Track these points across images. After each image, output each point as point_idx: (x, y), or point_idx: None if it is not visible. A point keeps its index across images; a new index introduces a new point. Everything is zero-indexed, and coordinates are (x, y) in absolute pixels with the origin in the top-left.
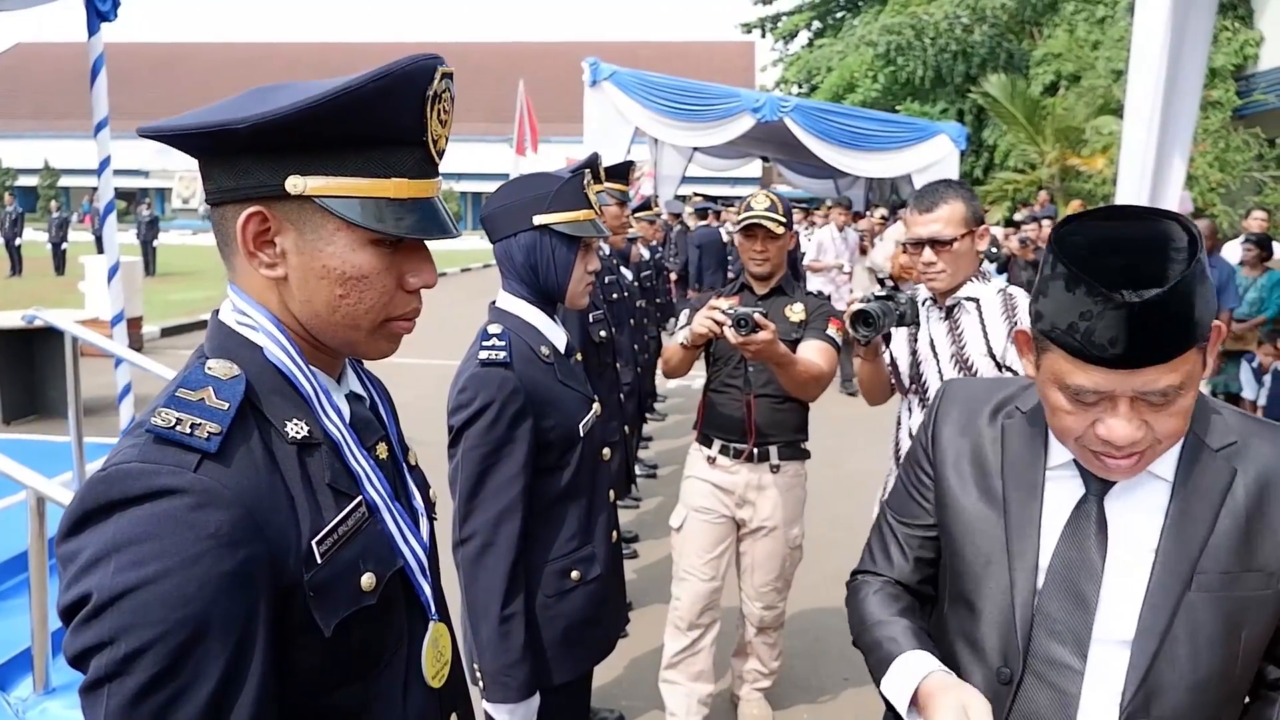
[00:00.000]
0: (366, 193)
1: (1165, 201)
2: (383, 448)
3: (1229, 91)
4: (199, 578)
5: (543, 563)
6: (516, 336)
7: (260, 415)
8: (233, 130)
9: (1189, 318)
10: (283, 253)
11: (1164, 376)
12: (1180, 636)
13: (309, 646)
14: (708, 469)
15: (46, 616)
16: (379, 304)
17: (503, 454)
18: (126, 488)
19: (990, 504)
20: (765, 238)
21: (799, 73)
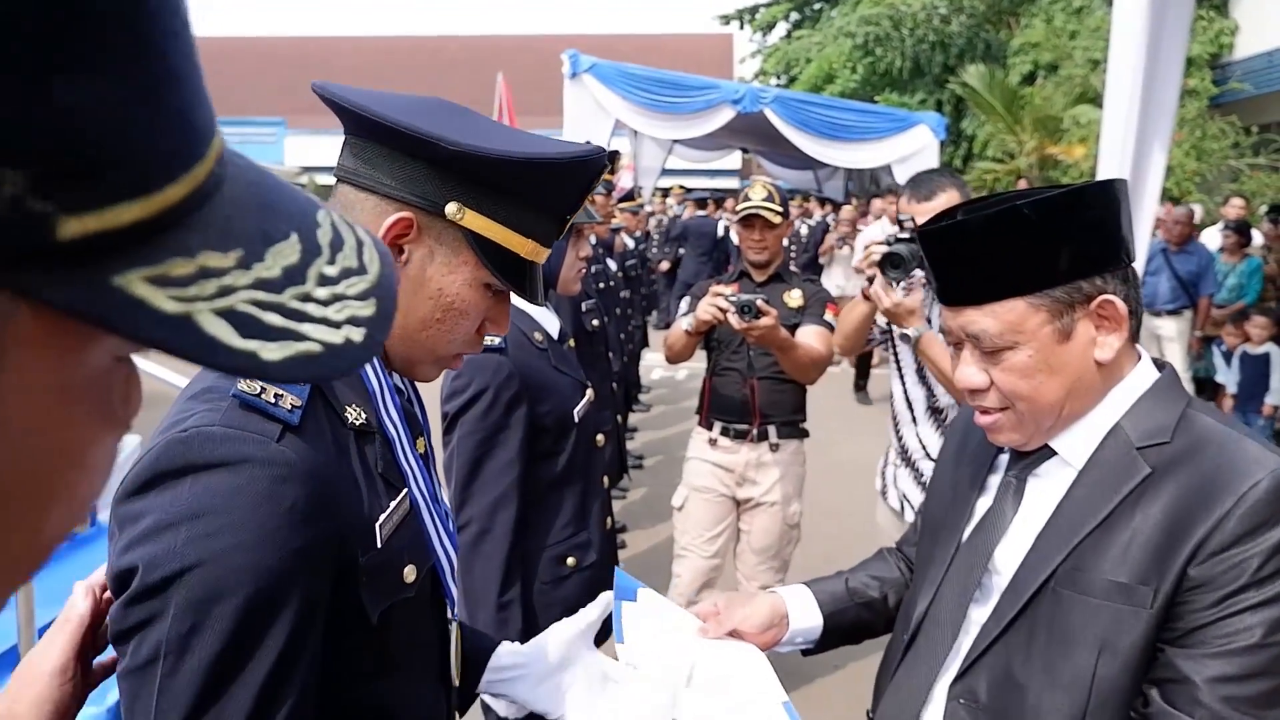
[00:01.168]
0: (507, 243)
1: (1145, 190)
2: (421, 443)
3: (1205, 80)
4: (274, 553)
5: (539, 549)
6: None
7: (324, 398)
8: (435, 146)
9: (988, 260)
10: (406, 260)
11: (980, 319)
12: (1034, 630)
13: (352, 633)
14: (709, 450)
15: (33, 615)
16: (460, 338)
17: (498, 440)
18: (208, 452)
19: (953, 484)
20: (763, 227)
21: (777, 64)
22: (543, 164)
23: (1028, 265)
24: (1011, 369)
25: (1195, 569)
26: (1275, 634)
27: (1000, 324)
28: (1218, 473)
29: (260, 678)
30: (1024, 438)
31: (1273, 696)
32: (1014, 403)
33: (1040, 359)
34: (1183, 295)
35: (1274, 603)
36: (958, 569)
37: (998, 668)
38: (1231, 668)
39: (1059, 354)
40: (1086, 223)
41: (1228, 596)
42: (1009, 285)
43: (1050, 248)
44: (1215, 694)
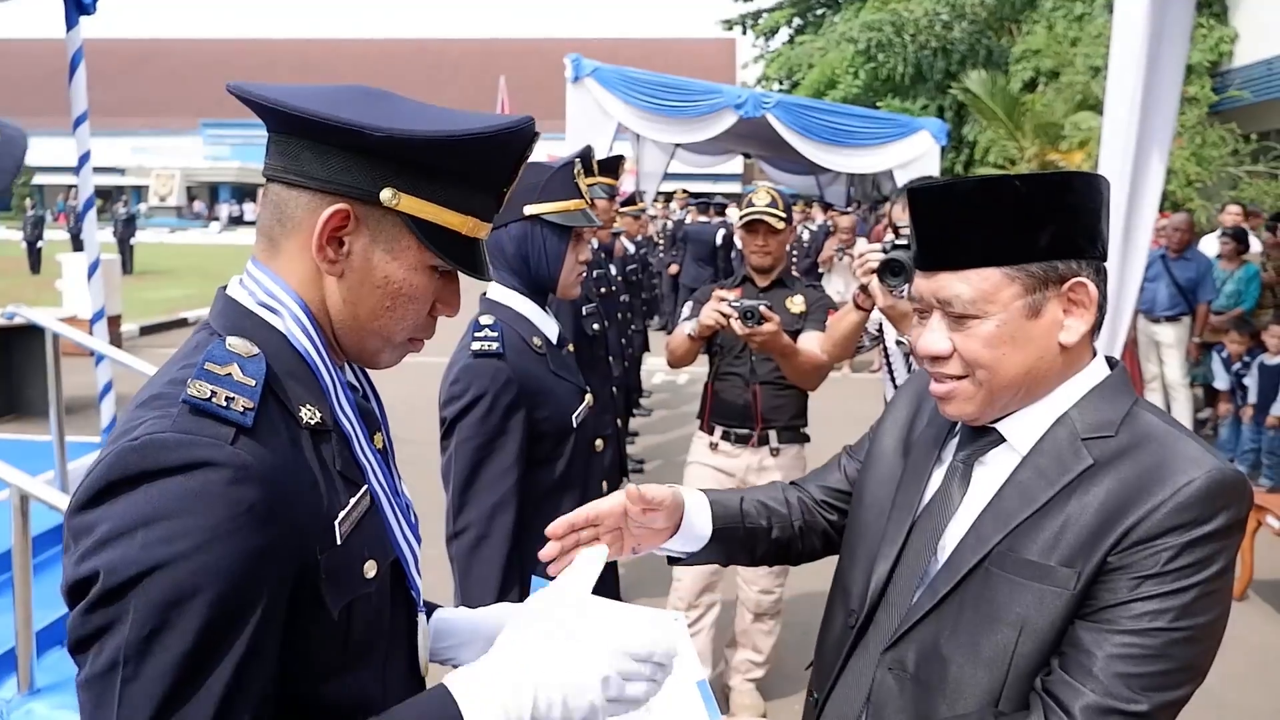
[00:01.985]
0: (446, 223)
1: (1145, 196)
2: (379, 438)
3: (1205, 87)
4: (232, 554)
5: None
6: (508, 327)
7: (277, 399)
8: (363, 134)
9: (973, 225)
10: (349, 253)
11: (953, 284)
12: (962, 606)
13: (315, 629)
14: (710, 454)
15: (30, 617)
16: (413, 323)
17: (496, 445)
18: (161, 458)
19: (900, 458)
20: (766, 232)
21: (780, 69)
22: (471, 140)
23: (1010, 236)
24: (977, 336)
25: (1116, 555)
26: (1178, 621)
27: (974, 290)
28: (1156, 468)
29: (224, 679)
30: (976, 410)
31: (1163, 679)
32: (974, 371)
33: (1007, 331)
34: (1181, 302)
35: (1184, 593)
36: (911, 553)
37: (927, 640)
38: (1130, 648)
39: (1025, 329)
40: (1070, 207)
41: (1142, 582)
42: (989, 253)
43: (1034, 223)
44: (1110, 669)
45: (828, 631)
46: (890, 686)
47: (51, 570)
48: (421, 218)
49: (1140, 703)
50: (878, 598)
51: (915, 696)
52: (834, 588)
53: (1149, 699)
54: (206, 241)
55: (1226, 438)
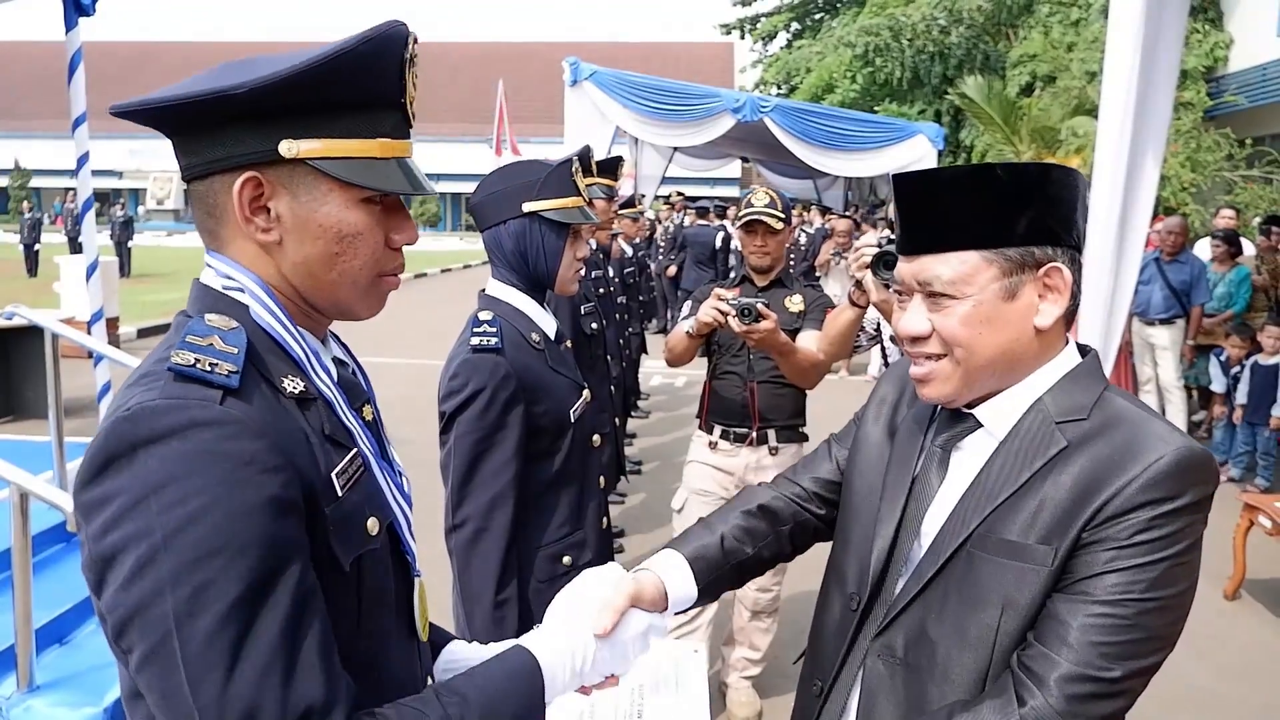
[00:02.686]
0: (355, 153)
1: (1140, 200)
2: (368, 410)
3: (1200, 93)
4: (246, 505)
5: (535, 548)
6: (507, 323)
7: (258, 371)
8: (230, 96)
9: (953, 210)
10: (277, 217)
11: (933, 266)
12: (947, 589)
13: (331, 586)
14: (709, 453)
15: (30, 614)
16: (371, 259)
17: (495, 440)
18: (155, 425)
19: (887, 441)
20: (765, 233)
21: (778, 74)
22: (335, 60)
23: (989, 222)
24: (954, 315)
25: (1090, 531)
26: (1149, 592)
27: (953, 272)
28: (1126, 447)
29: (280, 618)
30: (953, 391)
31: (1135, 648)
32: (953, 349)
33: (983, 311)
34: (1175, 305)
35: (1155, 565)
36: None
37: (914, 625)
38: (1104, 618)
39: (1001, 310)
40: (1048, 196)
41: (1115, 555)
42: (968, 237)
43: (1013, 210)
44: (1084, 639)
45: (824, 617)
46: (880, 673)
47: (51, 569)
48: (328, 156)
49: (1113, 670)
50: (879, 581)
51: (905, 681)
52: (829, 573)
53: (1122, 666)
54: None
55: (1221, 440)
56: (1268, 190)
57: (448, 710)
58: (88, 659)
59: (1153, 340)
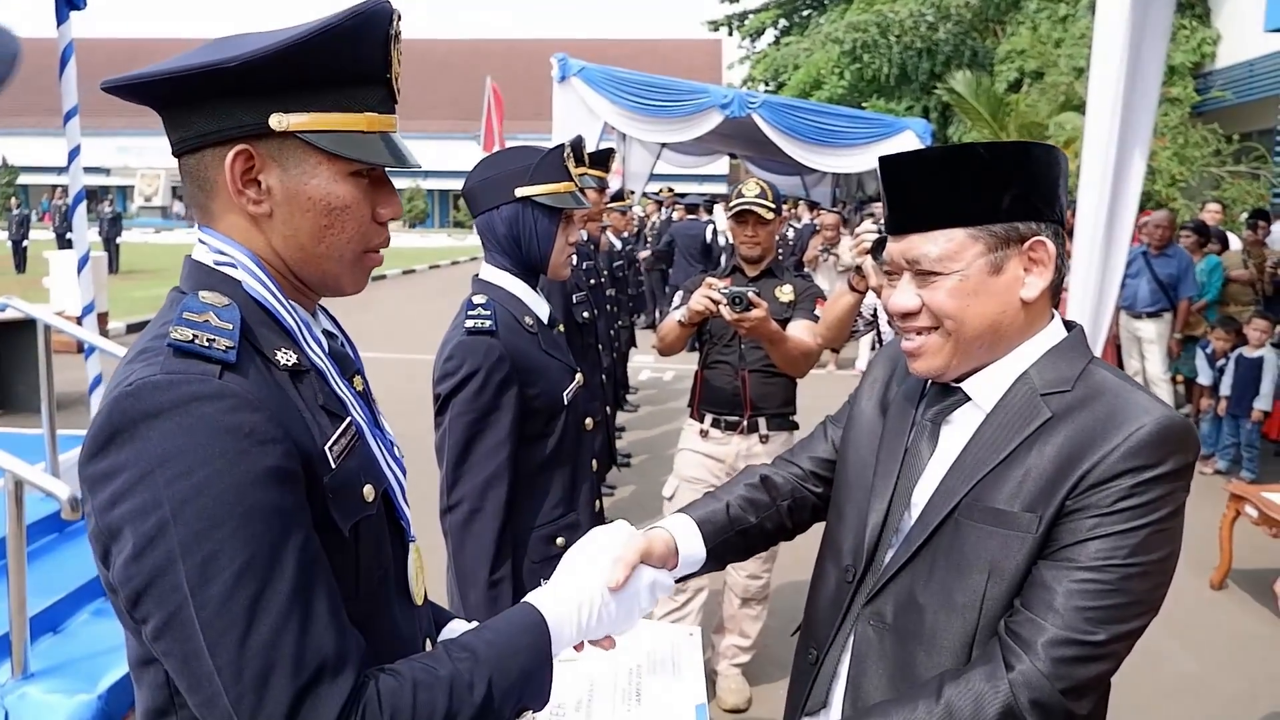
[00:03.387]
0: (343, 126)
1: (1127, 194)
2: (358, 380)
3: (1188, 88)
4: (248, 475)
5: (528, 529)
6: (501, 306)
7: (252, 345)
8: (222, 70)
9: (940, 189)
10: (268, 189)
11: (923, 244)
12: (935, 556)
13: (332, 553)
14: (700, 441)
15: (25, 602)
16: (358, 233)
17: (489, 421)
18: (158, 399)
19: (880, 417)
20: (755, 222)
21: (766, 70)
22: (322, 34)
23: (974, 199)
24: (942, 289)
25: (1074, 499)
26: (1132, 558)
27: (940, 249)
28: (1108, 418)
29: (290, 572)
30: (944, 364)
31: (1119, 612)
32: (943, 321)
33: (971, 285)
34: (1163, 298)
35: (1137, 531)
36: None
37: (903, 592)
38: (1088, 584)
39: (988, 284)
40: (1030, 173)
41: (1098, 522)
42: (954, 214)
43: (996, 187)
44: (1069, 604)
45: (820, 589)
46: (870, 638)
47: (45, 557)
48: (317, 129)
49: (1098, 634)
50: (873, 552)
51: (894, 645)
52: (824, 547)
53: (1106, 630)
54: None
55: (1207, 432)
56: (1254, 185)
57: (457, 665)
58: (82, 647)
59: (1140, 334)
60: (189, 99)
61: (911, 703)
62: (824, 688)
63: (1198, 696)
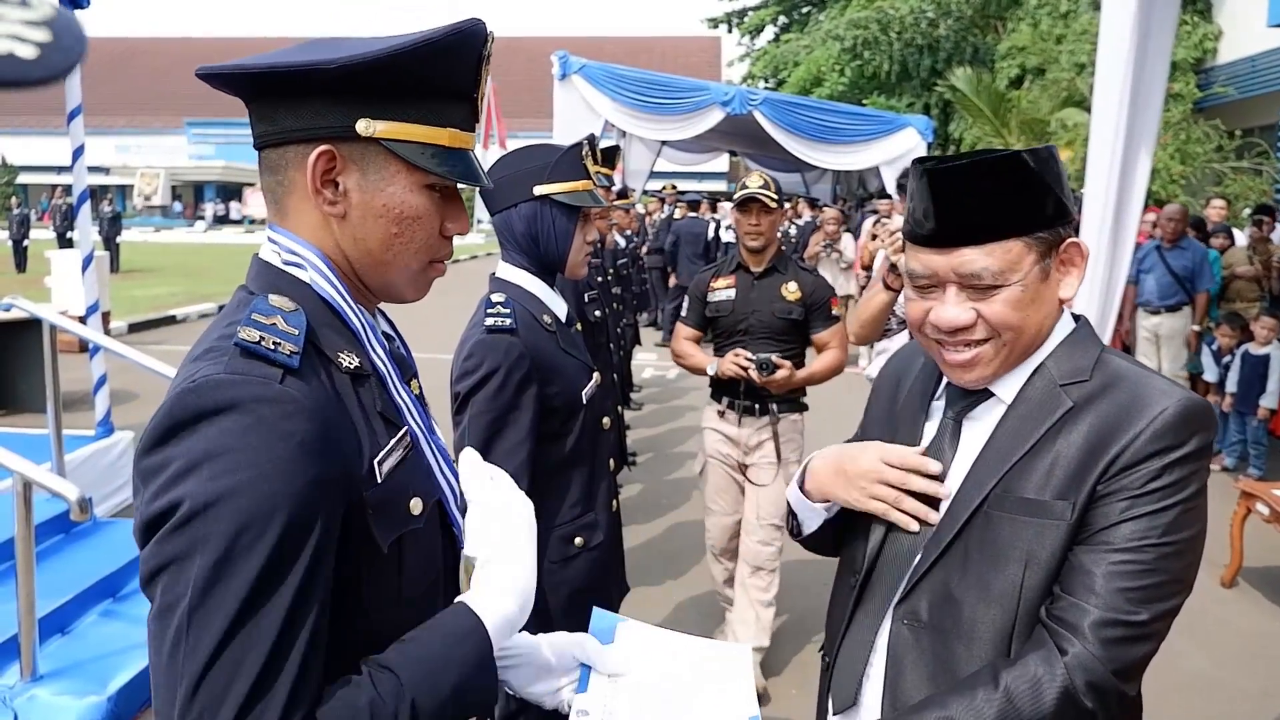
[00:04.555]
0: (426, 139)
1: (1132, 190)
2: (415, 384)
3: (1189, 84)
4: (290, 484)
5: (547, 529)
6: (519, 305)
7: (317, 349)
8: (321, 71)
9: (997, 200)
10: (345, 191)
11: (979, 258)
12: (968, 550)
13: (368, 565)
14: (719, 421)
15: (34, 604)
16: (426, 245)
17: (509, 419)
18: (218, 397)
19: (891, 421)
20: (759, 211)
21: (765, 68)
22: (420, 48)
23: (1026, 208)
24: (1003, 301)
25: (1104, 483)
26: (1165, 537)
27: (1001, 262)
28: (1131, 403)
29: (287, 601)
30: (994, 373)
31: (1157, 591)
32: (1001, 333)
33: (1029, 294)
34: (1179, 291)
35: (1168, 510)
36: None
37: (937, 588)
38: (1126, 565)
39: (1041, 291)
40: (1057, 175)
41: (1130, 504)
42: (1011, 226)
43: (1042, 193)
44: (1110, 586)
45: (836, 599)
46: (906, 637)
47: (53, 559)
48: (401, 139)
49: (1141, 613)
50: (875, 555)
51: (932, 642)
52: (841, 560)
53: (1148, 609)
54: (191, 240)
55: None
56: (1257, 181)
57: (379, 690)
58: (90, 649)
59: (1158, 329)
60: (281, 95)
61: (970, 692)
62: (850, 688)
63: (1209, 694)
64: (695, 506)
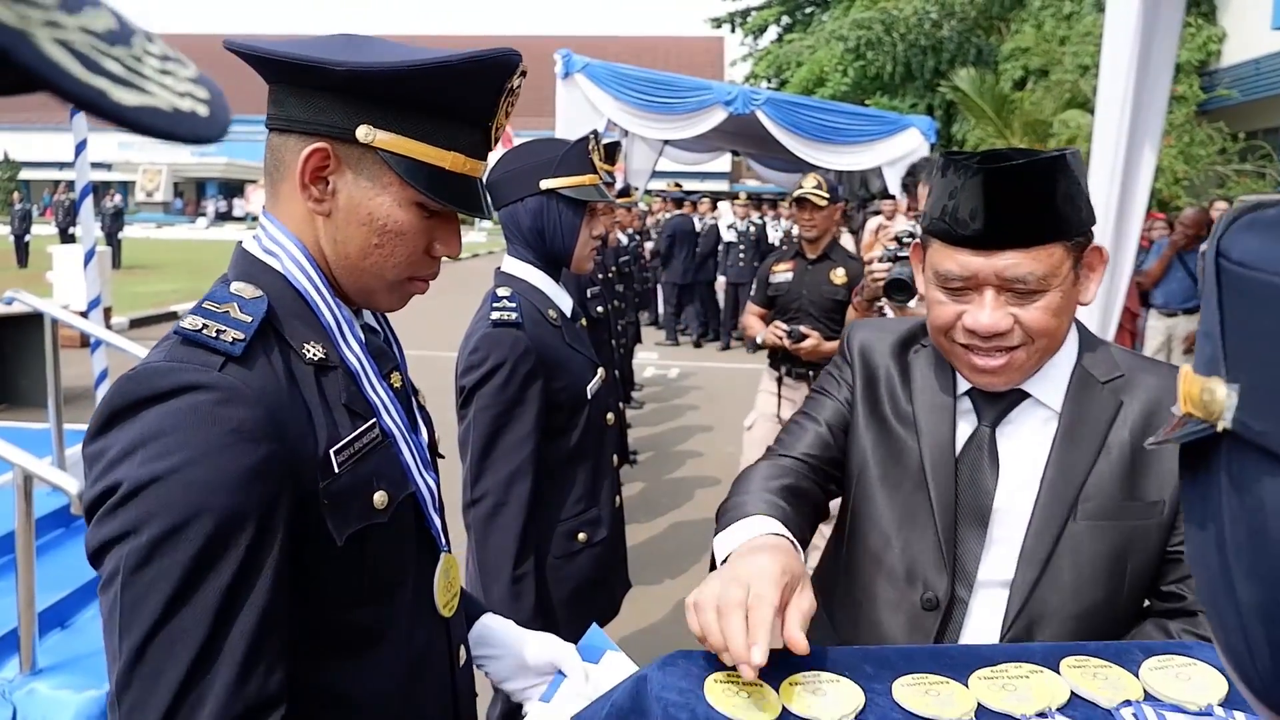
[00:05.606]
0: (427, 158)
1: (1136, 193)
2: (396, 377)
3: (1193, 86)
4: (222, 469)
5: (552, 524)
6: (525, 299)
7: (280, 337)
8: (327, 71)
9: (1047, 203)
10: (333, 191)
11: (1025, 262)
12: (1064, 565)
13: (324, 558)
14: (774, 385)
15: (33, 598)
16: (405, 261)
17: (515, 414)
18: (154, 384)
19: (902, 425)
20: (812, 209)
21: (768, 68)
22: (438, 70)
23: (1069, 211)
24: (1046, 308)
25: None
26: None
27: (1045, 267)
28: (1162, 388)
29: (224, 582)
30: (1022, 378)
31: None
32: (1036, 339)
33: (1066, 299)
34: (1197, 295)
35: None
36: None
37: (1040, 610)
38: None
39: (1072, 295)
40: (1082, 179)
41: None
42: (1057, 229)
43: (1079, 197)
44: None
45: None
46: None
47: (53, 552)
48: (400, 153)
49: None
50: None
51: None
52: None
53: None
54: (194, 237)
55: None
56: (1260, 184)
57: None
58: (90, 642)
59: (1173, 330)
60: (291, 84)
61: None
62: None
63: None
64: (696, 506)
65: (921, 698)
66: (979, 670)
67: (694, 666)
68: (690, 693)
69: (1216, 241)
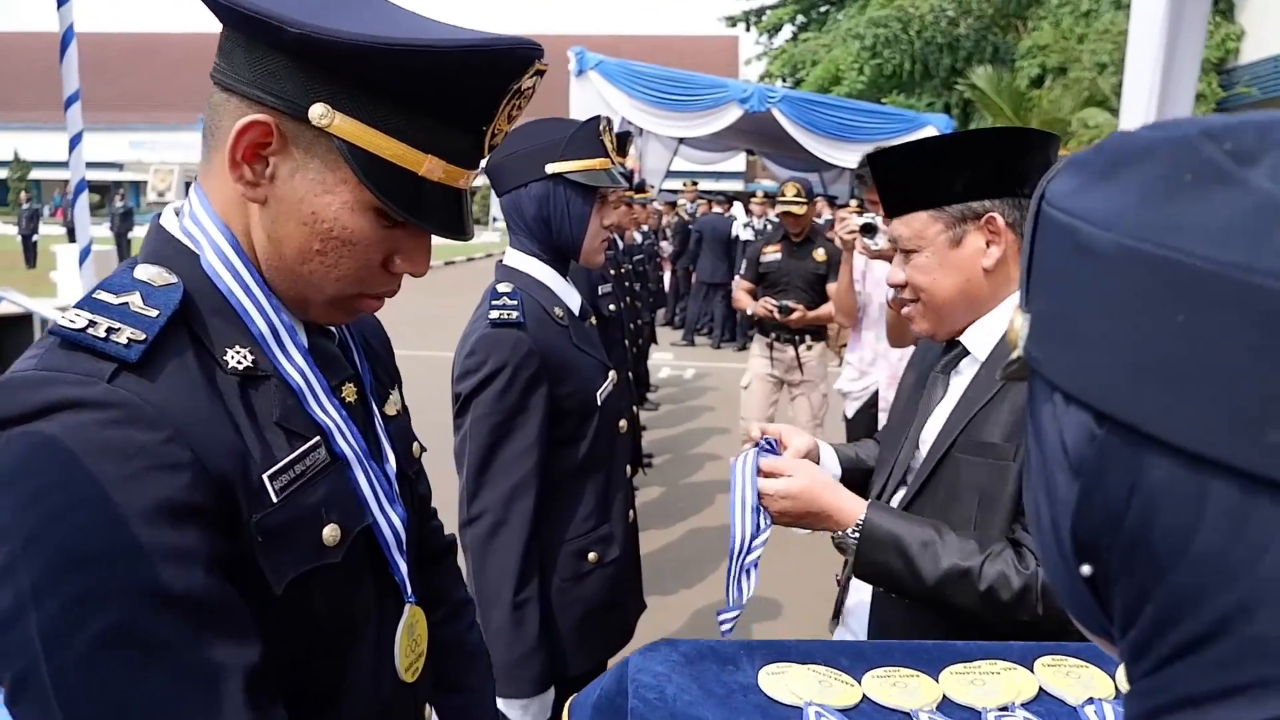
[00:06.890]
0: (394, 158)
1: None
2: (350, 389)
3: (1212, 84)
4: (128, 507)
5: (558, 543)
6: (528, 296)
7: (196, 339)
8: (277, 28)
9: (905, 181)
10: (272, 176)
11: (899, 227)
12: (940, 488)
13: (258, 608)
14: (765, 349)
15: None
16: (353, 275)
17: (516, 423)
18: (21, 401)
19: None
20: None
21: (783, 66)
22: (421, 54)
23: (930, 186)
24: (916, 266)
25: None
26: None
27: (910, 230)
28: None
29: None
30: (930, 326)
31: None
32: (919, 294)
33: (935, 260)
34: None
35: None
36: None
37: None
38: None
39: (950, 257)
40: (980, 157)
41: None
42: (916, 200)
43: (950, 172)
44: None
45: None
46: None
47: None
48: (360, 146)
49: None
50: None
51: None
52: None
53: None
54: None
55: None
56: None
57: None
58: None
59: None
60: (247, 37)
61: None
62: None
63: None
64: (714, 511)
65: (889, 689)
66: (952, 665)
67: (674, 653)
68: (664, 675)
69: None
